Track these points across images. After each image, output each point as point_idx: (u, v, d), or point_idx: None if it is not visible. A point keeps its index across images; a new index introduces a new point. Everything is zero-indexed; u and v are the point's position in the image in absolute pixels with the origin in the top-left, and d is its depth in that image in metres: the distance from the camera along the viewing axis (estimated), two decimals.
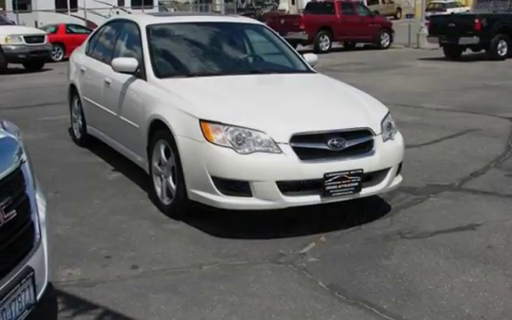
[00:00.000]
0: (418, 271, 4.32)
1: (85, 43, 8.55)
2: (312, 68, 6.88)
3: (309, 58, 7.04)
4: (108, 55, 7.27)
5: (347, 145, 4.99)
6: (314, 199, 4.93)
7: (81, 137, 8.25)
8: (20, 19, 31.48)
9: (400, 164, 5.51)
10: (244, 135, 4.85)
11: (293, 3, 49.44)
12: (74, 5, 34.26)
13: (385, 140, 5.28)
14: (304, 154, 4.84)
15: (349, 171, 4.92)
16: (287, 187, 4.84)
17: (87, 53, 8.19)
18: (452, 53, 21.39)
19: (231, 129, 4.87)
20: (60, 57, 24.62)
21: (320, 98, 5.93)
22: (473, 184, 6.40)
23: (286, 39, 7.96)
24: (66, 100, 8.95)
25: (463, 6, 48.06)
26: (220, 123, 4.93)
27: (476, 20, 20.13)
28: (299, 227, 5.14)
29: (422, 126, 9.40)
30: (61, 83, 12.74)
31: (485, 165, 7.08)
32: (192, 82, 5.93)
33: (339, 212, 5.41)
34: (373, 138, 5.19)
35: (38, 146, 8.21)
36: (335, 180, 4.87)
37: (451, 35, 20.82)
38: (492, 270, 4.31)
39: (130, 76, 6.28)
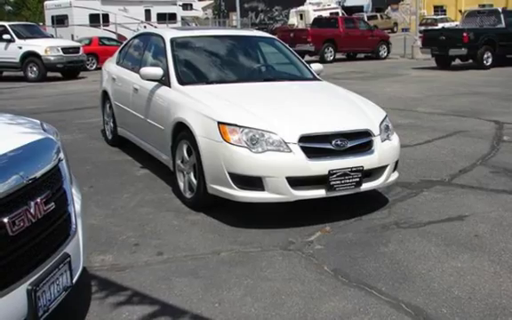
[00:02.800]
0: (412, 257, 4.29)
1: (116, 54, 8.56)
2: (318, 76, 6.85)
3: (316, 67, 7.01)
4: (136, 65, 7.28)
5: (349, 145, 4.97)
6: (319, 193, 4.91)
7: (112, 138, 8.28)
8: (57, 32, 31.67)
9: (396, 162, 5.48)
10: (257, 136, 4.84)
11: (301, 18, 49.18)
12: (106, 20, 34.39)
13: (383, 141, 5.25)
14: (311, 153, 4.83)
15: (351, 168, 4.90)
16: (296, 182, 4.82)
17: (118, 63, 8.21)
18: (443, 63, 21.32)
19: (246, 130, 4.87)
20: (94, 66, 24.76)
21: (325, 103, 5.90)
22: (461, 180, 6.36)
23: (295, 50, 7.94)
24: (99, 104, 8.97)
25: (453, 21, 47.78)
26: (236, 125, 4.92)
27: (465, 34, 20.03)
28: (306, 217, 5.12)
29: (416, 128, 9.34)
30: (95, 89, 12.80)
31: (472, 163, 7.03)
32: (211, 88, 5.92)
33: (342, 205, 5.39)
34: (373, 138, 5.16)
35: (74, 145, 8.25)
36: (338, 176, 4.85)
37: (442, 46, 20.72)
38: (479, 256, 4.28)
39: (156, 83, 6.29)
